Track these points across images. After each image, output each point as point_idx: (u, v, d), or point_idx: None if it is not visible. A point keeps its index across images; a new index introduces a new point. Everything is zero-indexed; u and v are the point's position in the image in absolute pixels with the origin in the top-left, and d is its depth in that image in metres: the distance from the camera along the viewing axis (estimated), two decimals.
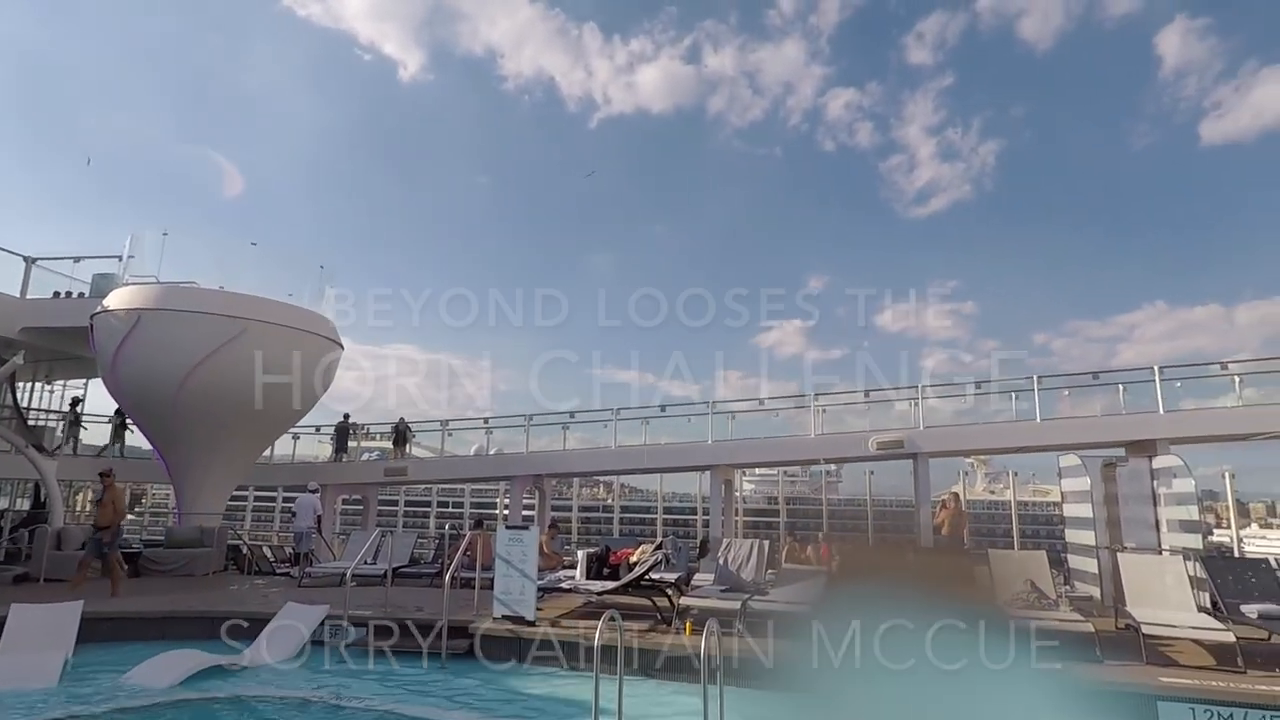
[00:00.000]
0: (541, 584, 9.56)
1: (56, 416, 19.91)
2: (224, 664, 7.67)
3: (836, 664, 1.56)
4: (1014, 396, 16.05)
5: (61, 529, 12.98)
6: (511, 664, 8.02)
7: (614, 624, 5.39)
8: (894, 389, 17.27)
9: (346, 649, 8.34)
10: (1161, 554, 9.47)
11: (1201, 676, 6.37)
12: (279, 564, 15.76)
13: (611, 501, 62.76)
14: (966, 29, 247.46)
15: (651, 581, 9.36)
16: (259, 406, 14.88)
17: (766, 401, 18.77)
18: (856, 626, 1.54)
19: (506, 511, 23.09)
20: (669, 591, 9.33)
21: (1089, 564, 10.40)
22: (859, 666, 1.52)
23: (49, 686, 6.93)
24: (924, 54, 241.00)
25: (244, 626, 8.81)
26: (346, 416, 21.36)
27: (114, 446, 19.85)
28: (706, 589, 9.57)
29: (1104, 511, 10.55)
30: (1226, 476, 17.13)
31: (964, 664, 1.43)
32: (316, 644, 8.58)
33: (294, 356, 15.15)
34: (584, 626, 8.17)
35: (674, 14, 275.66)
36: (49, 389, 20.98)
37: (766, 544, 10.15)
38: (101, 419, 20.09)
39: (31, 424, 17.96)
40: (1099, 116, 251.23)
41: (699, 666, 5.13)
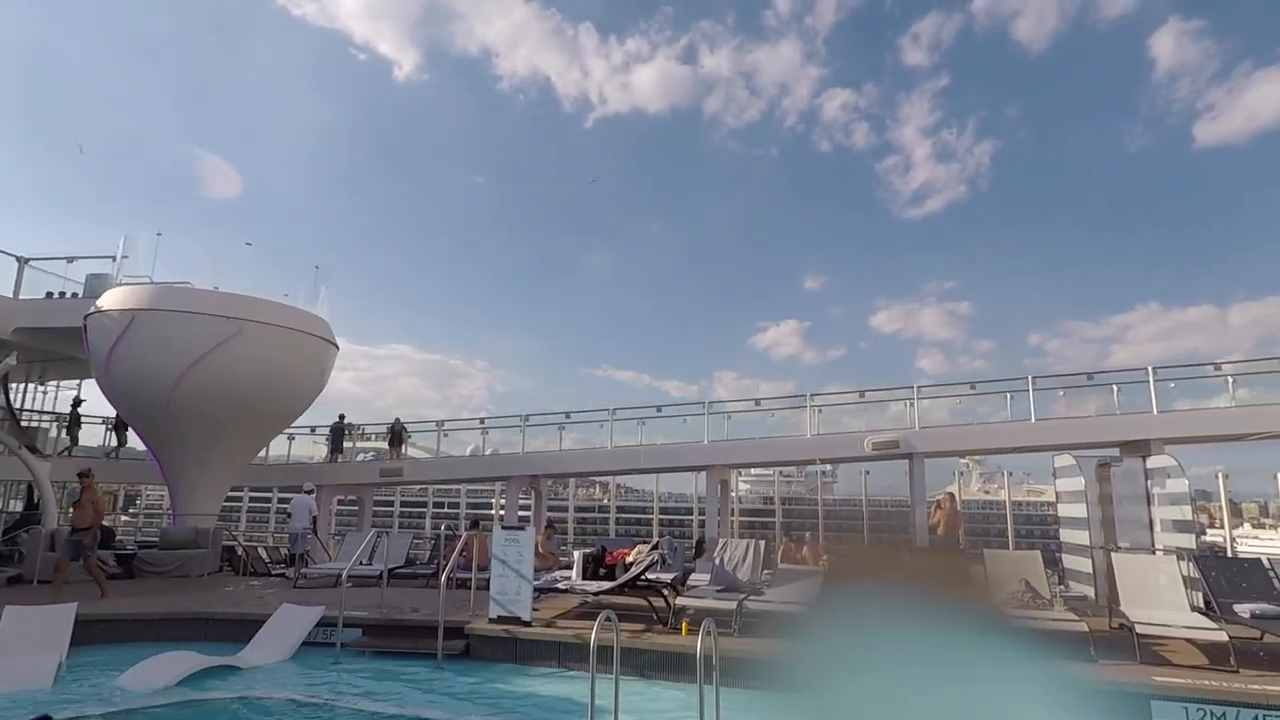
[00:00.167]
0: (538, 584, 9.56)
1: (50, 417, 19.85)
2: (219, 665, 7.64)
3: (832, 664, 1.56)
4: (1009, 397, 16.10)
5: (55, 530, 12.91)
6: (507, 664, 8.03)
7: (610, 624, 5.39)
8: (889, 389, 17.34)
9: (342, 650, 8.32)
10: (1155, 554, 9.50)
11: (1195, 676, 6.39)
12: (274, 565, 15.74)
13: (608, 502, 62.52)
14: (962, 30, 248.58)
15: (648, 582, 9.35)
16: (254, 407, 14.88)
17: (762, 402, 18.81)
18: (852, 626, 1.55)
19: (502, 512, 23.06)
20: (665, 592, 9.33)
21: (1083, 564, 10.44)
22: (855, 667, 1.52)
23: (43, 689, 6.90)
24: (919, 55, 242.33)
25: (239, 628, 8.80)
26: (342, 417, 21.34)
27: (116, 447, 19.79)
28: (702, 589, 9.56)
29: (1098, 511, 10.60)
30: (1220, 477, 17.22)
31: (959, 664, 1.43)
32: (312, 645, 8.57)
33: (289, 357, 15.14)
34: (580, 627, 8.17)
35: (670, 14, 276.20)
36: (42, 390, 20.92)
37: (762, 544, 10.15)
38: (96, 420, 20.06)
39: (24, 425, 17.89)
40: (1093, 118, 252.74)
41: (695, 666, 5.14)
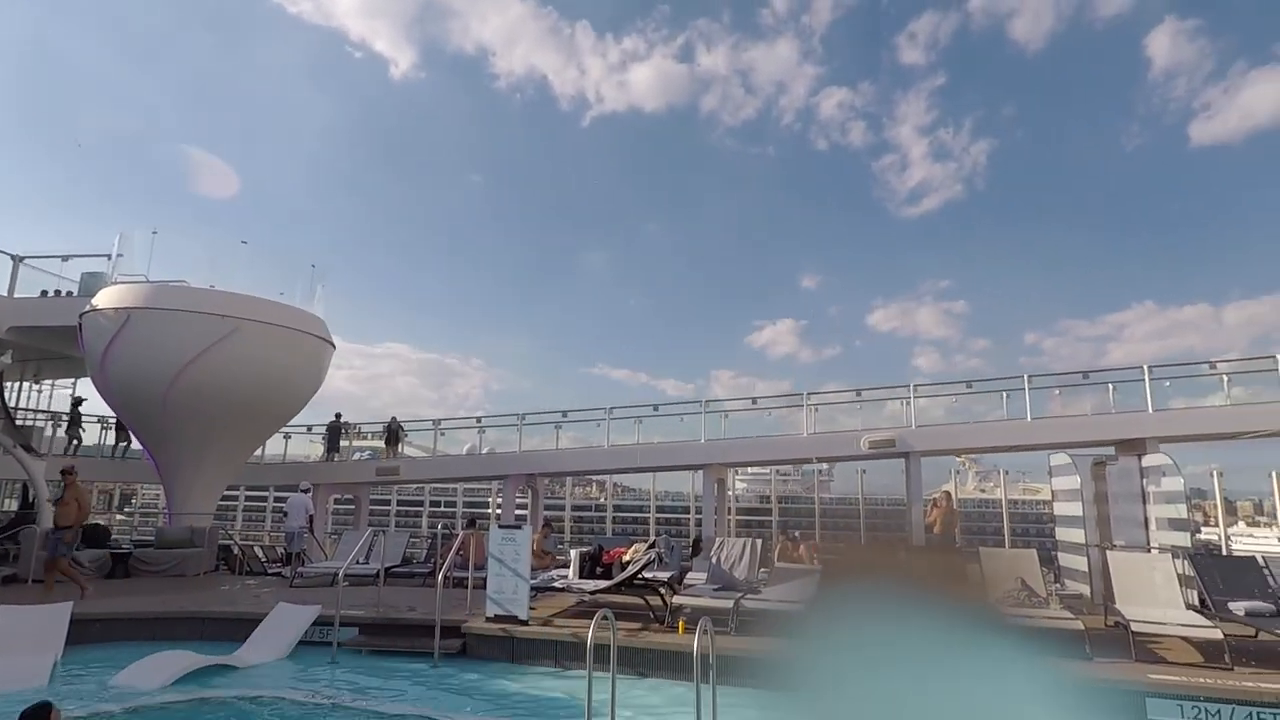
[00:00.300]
0: (534, 583, 9.55)
1: (45, 416, 19.79)
2: (216, 664, 7.63)
3: (829, 662, 1.57)
4: (1005, 395, 16.13)
5: (50, 530, 12.86)
6: (504, 663, 8.03)
7: (607, 623, 5.39)
8: (886, 388, 17.36)
9: (338, 649, 8.32)
10: (1150, 552, 9.55)
11: (1190, 673, 6.41)
12: (270, 564, 15.69)
13: (604, 500, 62.52)
14: (958, 29, 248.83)
15: (644, 580, 9.36)
16: (250, 406, 14.85)
17: (759, 400, 18.81)
18: (849, 625, 1.56)
19: (499, 511, 23.04)
20: (662, 590, 9.33)
21: (1079, 562, 10.48)
22: (851, 665, 1.53)
23: (39, 688, 6.88)
24: (916, 54, 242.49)
25: (235, 627, 8.80)
26: (338, 416, 21.32)
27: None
28: (699, 588, 9.57)
29: (1094, 510, 10.63)
30: (1215, 475, 17.27)
31: (955, 661, 1.44)
32: (308, 644, 8.56)
33: (285, 356, 15.11)
34: (577, 626, 8.17)
35: (667, 12, 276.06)
36: (37, 389, 20.85)
37: (759, 543, 10.16)
38: (93, 419, 19.97)
39: (20, 424, 17.83)
40: (1090, 117, 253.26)
41: (692, 665, 5.14)
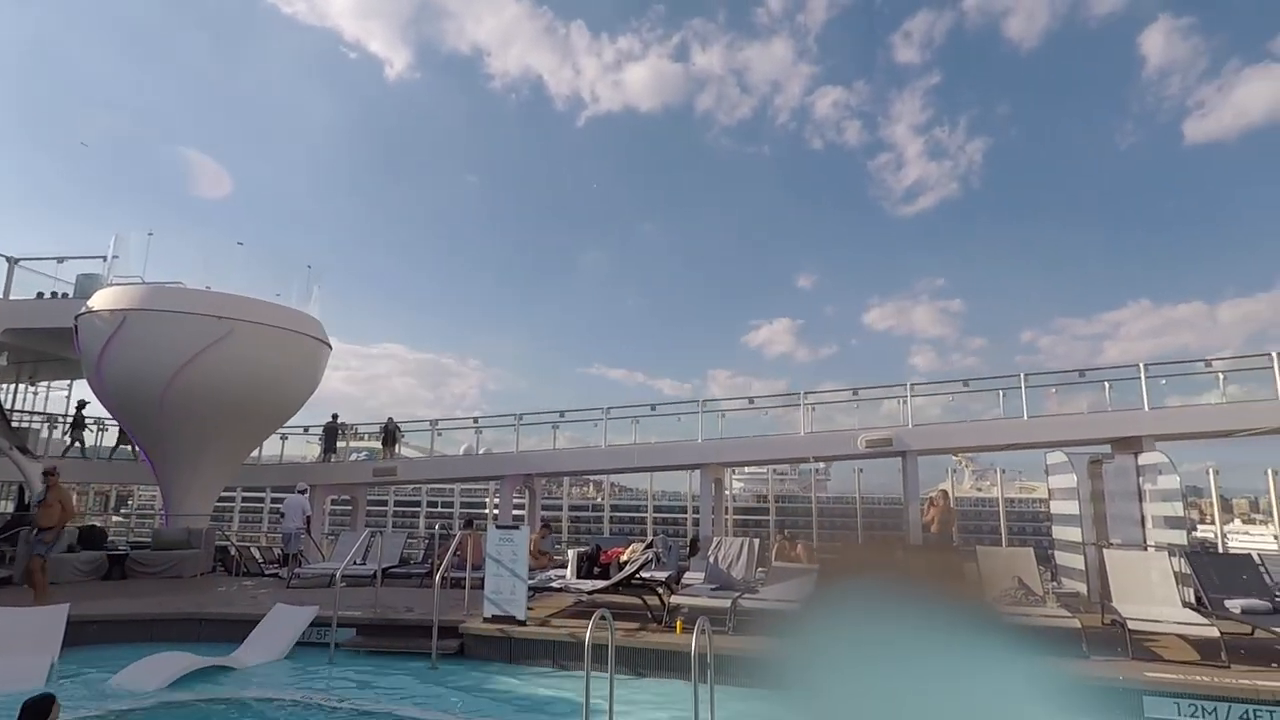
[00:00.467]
0: (532, 583, 9.55)
1: (41, 418, 19.72)
2: (213, 666, 7.62)
3: (827, 661, 1.57)
4: (1001, 394, 16.16)
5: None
6: (502, 664, 8.03)
7: (605, 623, 5.39)
8: (883, 387, 17.38)
9: (336, 650, 8.31)
10: (1147, 550, 9.56)
11: (1186, 671, 6.43)
12: (267, 565, 15.66)
13: (602, 500, 62.66)
14: (953, 28, 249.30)
15: (642, 580, 9.36)
16: (247, 407, 14.82)
17: (756, 400, 18.85)
18: (847, 623, 1.56)
19: (496, 511, 23.03)
20: (659, 590, 9.33)
21: (1075, 560, 10.50)
22: (849, 663, 1.53)
23: (36, 690, 6.85)
24: (911, 53, 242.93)
25: (233, 628, 8.78)
26: (335, 416, 21.27)
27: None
28: (697, 587, 9.57)
29: (1090, 508, 10.64)
30: (1211, 472, 17.35)
31: (953, 660, 1.44)
32: (306, 645, 8.55)
33: (282, 356, 15.08)
34: (575, 626, 8.17)
35: (662, 12, 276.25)
36: (33, 391, 20.79)
37: (757, 542, 10.17)
38: (89, 420, 19.89)
39: (15, 426, 17.77)
40: (1084, 115, 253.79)
41: (690, 665, 5.15)
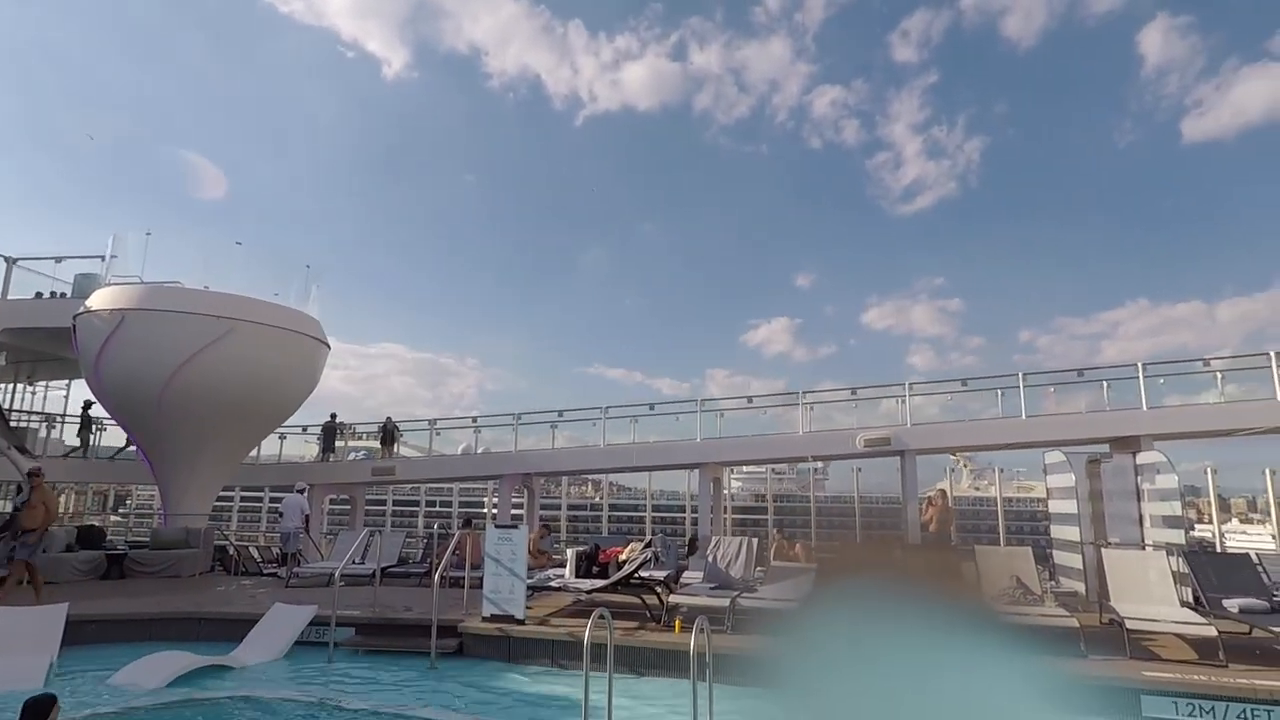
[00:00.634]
0: (531, 583, 9.55)
1: (39, 418, 19.70)
2: (212, 665, 7.62)
3: (825, 660, 1.58)
4: (1000, 393, 16.17)
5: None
6: (501, 663, 8.03)
7: (603, 622, 5.40)
8: (881, 386, 17.39)
9: (335, 649, 8.31)
10: (1145, 549, 9.58)
11: (1184, 670, 6.45)
12: (266, 564, 15.66)
13: (600, 500, 62.66)
14: (950, 26, 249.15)
15: (641, 579, 9.37)
16: (245, 407, 14.81)
17: (755, 399, 18.83)
18: (845, 623, 1.56)
19: (495, 510, 23.04)
20: (658, 589, 9.34)
21: (1074, 559, 10.51)
22: (847, 662, 1.53)
23: (35, 689, 6.86)
24: (909, 51, 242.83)
25: (231, 627, 8.78)
26: (333, 416, 21.28)
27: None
28: (696, 586, 9.58)
29: (1088, 507, 10.66)
30: (1209, 472, 17.33)
31: (951, 659, 1.44)
32: (304, 644, 8.55)
33: (280, 356, 15.07)
34: (574, 625, 8.17)
35: (659, 10, 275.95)
36: (31, 390, 20.76)
37: (755, 541, 10.19)
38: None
39: (14, 426, 17.76)
40: (1082, 114, 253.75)
41: (689, 664, 5.16)
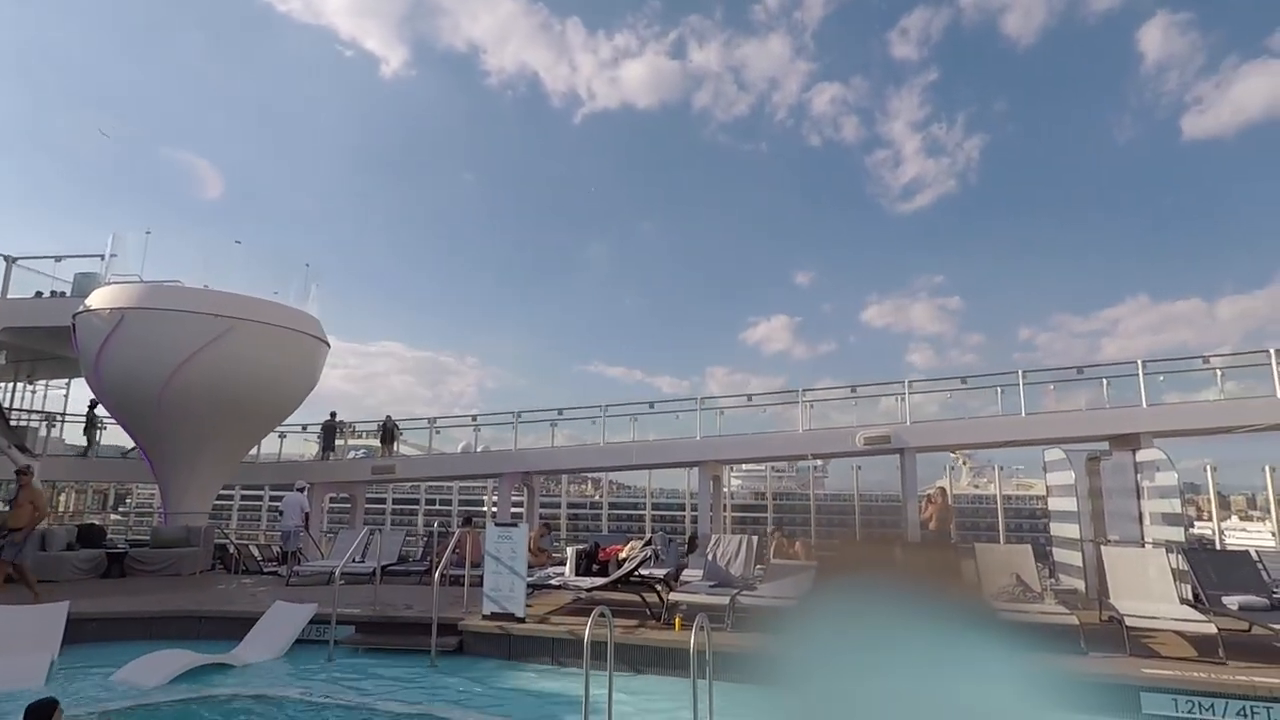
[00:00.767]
0: (531, 581, 9.56)
1: (39, 416, 19.69)
2: (212, 663, 7.63)
3: (825, 657, 1.58)
4: (999, 391, 16.19)
5: (46, 530, 12.83)
6: (501, 661, 8.04)
7: (604, 620, 5.40)
8: (881, 384, 17.40)
9: (335, 647, 8.32)
10: (1144, 547, 9.58)
11: (1184, 668, 6.46)
12: (266, 563, 15.67)
13: (600, 498, 62.71)
14: (950, 24, 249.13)
15: (641, 577, 9.38)
16: (245, 405, 14.82)
17: (754, 397, 18.85)
18: (844, 621, 1.57)
19: (495, 509, 23.05)
20: (658, 587, 9.35)
21: (1073, 557, 10.51)
22: (847, 660, 1.54)
23: (36, 688, 6.87)
24: (908, 49, 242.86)
25: (232, 626, 8.80)
26: (333, 415, 21.28)
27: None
28: (695, 584, 9.59)
29: (1088, 505, 10.65)
30: (1208, 469, 17.35)
31: (951, 657, 1.45)
32: (305, 643, 8.56)
33: (280, 355, 15.08)
34: (574, 623, 8.18)
35: (658, 8, 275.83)
36: (30, 389, 20.75)
37: (755, 539, 10.19)
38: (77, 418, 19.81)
39: (13, 424, 17.76)
40: (1082, 111, 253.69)
41: (689, 662, 5.17)
